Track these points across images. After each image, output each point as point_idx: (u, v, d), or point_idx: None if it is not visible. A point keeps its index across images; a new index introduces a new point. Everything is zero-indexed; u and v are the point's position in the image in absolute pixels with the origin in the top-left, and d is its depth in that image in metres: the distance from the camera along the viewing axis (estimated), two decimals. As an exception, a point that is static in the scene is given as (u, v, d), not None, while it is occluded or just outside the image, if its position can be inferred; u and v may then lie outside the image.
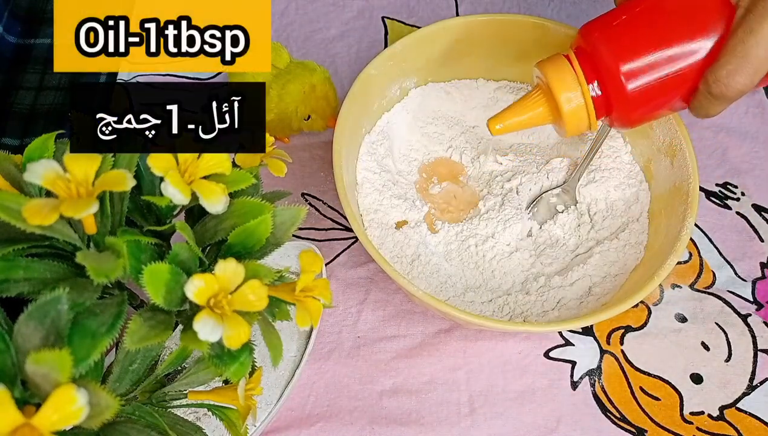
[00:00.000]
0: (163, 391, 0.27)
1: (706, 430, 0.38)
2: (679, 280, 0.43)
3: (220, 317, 0.21)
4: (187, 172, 0.23)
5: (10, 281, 0.22)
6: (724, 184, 0.46)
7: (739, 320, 0.41)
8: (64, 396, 0.17)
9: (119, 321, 0.21)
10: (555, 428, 0.37)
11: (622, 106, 0.34)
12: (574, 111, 0.35)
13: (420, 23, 0.53)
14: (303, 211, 0.26)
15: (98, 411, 0.19)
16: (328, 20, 0.54)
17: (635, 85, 0.33)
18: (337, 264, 0.43)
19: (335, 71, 0.50)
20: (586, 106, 0.35)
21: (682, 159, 0.39)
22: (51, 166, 0.20)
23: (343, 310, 0.41)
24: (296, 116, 0.43)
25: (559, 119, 0.36)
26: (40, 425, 0.17)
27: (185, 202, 0.22)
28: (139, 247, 0.23)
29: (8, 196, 0.21)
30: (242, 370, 0.23)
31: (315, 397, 0.38)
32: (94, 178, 0.21)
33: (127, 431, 0.24)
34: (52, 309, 0.20)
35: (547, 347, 0.40)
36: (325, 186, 0.46)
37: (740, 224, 0.45)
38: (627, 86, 0.33)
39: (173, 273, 0.22)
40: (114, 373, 0.25)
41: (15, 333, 0.20)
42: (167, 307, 0.22)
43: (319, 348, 0.40)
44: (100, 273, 0.21)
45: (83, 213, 0.20)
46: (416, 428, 0.37)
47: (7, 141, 0.48)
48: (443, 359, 0.39)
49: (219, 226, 0.25)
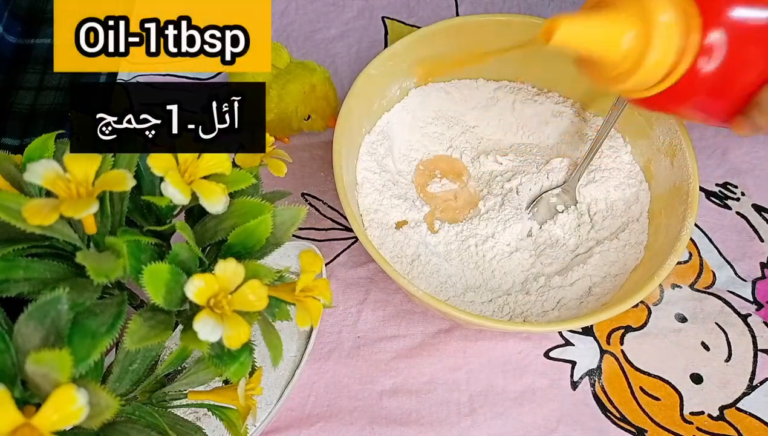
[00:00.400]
0: (163, 391, 0.27)
1: (706, 430, 0.38)
2: (679, 280, 0.43)
3: (220, 317, 0.21)
4: (187, 172, 0.23)
5: (10, 281, 0.22)
6: (724, 184, 0.46)
7: (739, 320, 0.41)
8: (64, 396, 0.17)
9: (119, 321, 0.21)
10: (555, 428, 0.37)
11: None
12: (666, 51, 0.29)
13: (420, 23, 0.53)
14: (303, 212, 0.26)
15: (98, 411, 0.19)
16: (328, 20, 0.54)
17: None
18: (337, 264, 0.43)
19: (335, 71, 0.50)
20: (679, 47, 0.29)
21: (682, 159, 0.39)
22: (51, 166, 0.20)
23: (343, 310, 0.41)
24: (296, 116, 0.43)
25: (637, 56, 0.30)
26: (40, 425, 0.17)
27: (185, 203, 0.22)
28: (139, 247, 0.23)
29: (8, 196, 0.21)
30: (242, 370, 0.23)
31: (315, 397, 0.38)
32: (94, 178, 0.21)
33: (127, 431, 0.24)
34: (52, 309, 0.20)
35: (547, 347, 0.40)
36: (325, 186, 0.46)
37: (740, 224, 0.45)
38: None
39: (173, 273, 0.22)
40: (114, 373, 0.25)
41: (15, 333, 0.20)
42: (167, 307, 0.22)
43: (319, 348, 0.40)
44: (100, 273, 0.21)
45: (83, 213, 0.20)
46: (416, 428, 0.37)
47: (7, 141, 0.48)
48: (443, 359, 0.39)
49: (219, 226, 0.25)
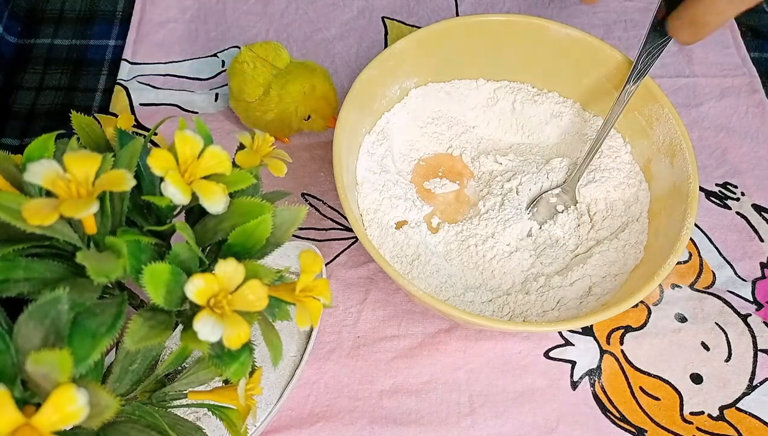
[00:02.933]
0: (163, 391, 0.27)
1: (706, 430, 0.38)
2: (679, 280, 0.43)
3: (220, 317, 0.21)
4: (187, 172, 0.23)
5: (10, 280, 0.22)
6: (724, 184, 0.46)
7: (739, 320, 0.41)
8: (64, 396, 0.17)
9: (119, 321, 0.21)
10: (555, 427, 0.37)
11: None
12: None
13: (420, 23, 0.54)
14: (303, 211, 0.26)
15: (98, 411, 0.19)
16: (328, 20, 0.54)
17: None
18: (337, 264, 0.43)
19: (335, 71, 0.50)
20: None
21: (682, 159, 0.39)
22: (51, 166, 0.20)
23: (343, 310, 0.41)
24: (296, 116, 0.43)
25: None
26: (41, 425, 0.17)
27: (185, 202, 0.22)
28: (139, 247, 0.23)
29: (8, 196, 0.21)
30: (242, 370, 0.23)
31: (315, 397, 0.38)
32: (94, 179, 0.21)
33: (127, 431, 0.24)
34: (52, 309, 0.20)
35: (547, 347, 0.40)
36: (325, 186, 0.46)
37: (740, 224, 0.45)
38: None
39: (173, 273, 0.22)
40: (114, 373, 0.25)
41: (15, 333, 0.20)
42: (167, 307, 0.21)
43: (319, 348, 0.40)
44: (101, 273, 0.21)
45: (83, 213, 0.20)
46: (416, 428, 0.37)
47: (7, 141, 0.48)
48: (443, 359, 0.39)
49: (219, 226, 0.25)
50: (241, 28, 0.53)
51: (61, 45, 0.53)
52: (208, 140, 0.24)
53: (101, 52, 0.53)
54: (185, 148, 0.23)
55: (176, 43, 0.52)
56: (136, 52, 0.52)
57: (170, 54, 0.52)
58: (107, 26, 0.54)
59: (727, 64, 0.52)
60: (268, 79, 0.43)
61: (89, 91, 0.51)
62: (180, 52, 0.52)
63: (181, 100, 0.49)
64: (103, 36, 0.53)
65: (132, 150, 0.24)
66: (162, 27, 0.53)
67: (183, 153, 0.23)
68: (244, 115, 0.45)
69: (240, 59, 0.44)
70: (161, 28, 0.53)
